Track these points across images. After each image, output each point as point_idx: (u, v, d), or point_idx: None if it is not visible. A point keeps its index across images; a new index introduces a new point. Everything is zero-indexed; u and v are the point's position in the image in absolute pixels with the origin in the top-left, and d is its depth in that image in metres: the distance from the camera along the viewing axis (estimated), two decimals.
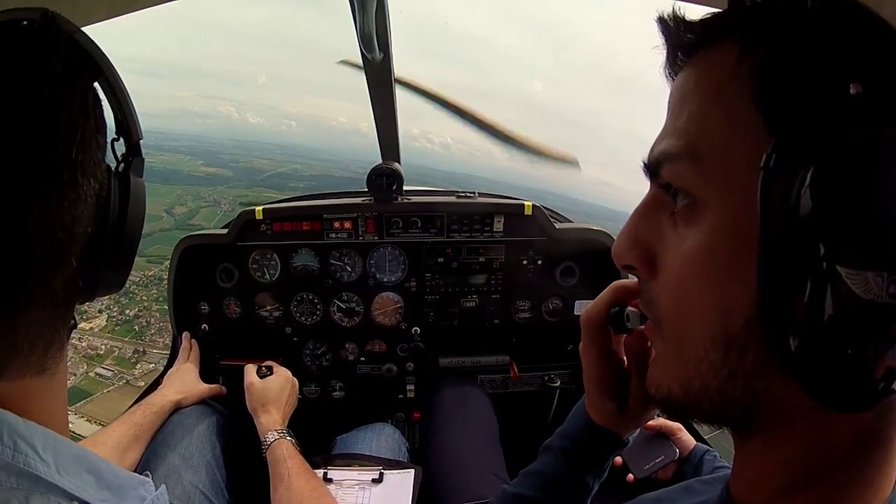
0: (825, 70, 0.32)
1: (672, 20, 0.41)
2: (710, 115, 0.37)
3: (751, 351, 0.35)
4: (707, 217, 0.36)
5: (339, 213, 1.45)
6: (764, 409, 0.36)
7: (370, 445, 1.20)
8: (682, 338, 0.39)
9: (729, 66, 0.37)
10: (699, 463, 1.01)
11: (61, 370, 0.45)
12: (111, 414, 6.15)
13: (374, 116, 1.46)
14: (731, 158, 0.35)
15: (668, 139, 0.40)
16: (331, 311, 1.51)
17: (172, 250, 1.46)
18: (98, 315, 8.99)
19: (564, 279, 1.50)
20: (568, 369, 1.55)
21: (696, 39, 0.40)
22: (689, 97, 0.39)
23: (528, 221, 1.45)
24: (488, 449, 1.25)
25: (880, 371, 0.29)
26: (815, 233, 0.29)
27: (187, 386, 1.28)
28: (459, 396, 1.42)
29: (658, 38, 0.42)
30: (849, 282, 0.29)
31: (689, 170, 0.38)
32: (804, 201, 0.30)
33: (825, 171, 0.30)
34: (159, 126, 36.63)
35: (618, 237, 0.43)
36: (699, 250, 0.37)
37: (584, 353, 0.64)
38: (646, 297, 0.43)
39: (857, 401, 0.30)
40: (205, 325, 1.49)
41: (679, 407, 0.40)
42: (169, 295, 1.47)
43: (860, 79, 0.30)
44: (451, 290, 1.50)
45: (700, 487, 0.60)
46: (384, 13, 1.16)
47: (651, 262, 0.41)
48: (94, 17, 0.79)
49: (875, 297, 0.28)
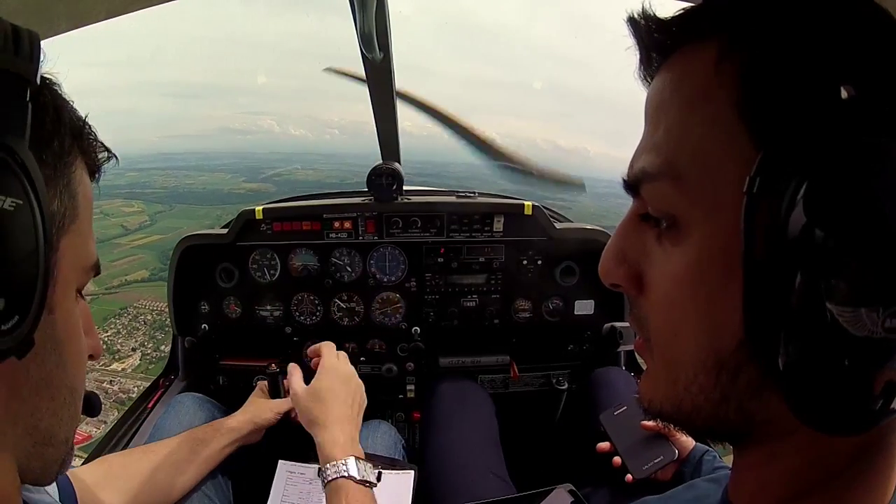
0: (816, 72, 0.29)
1: (642, 18, 0.37)
2: (689, 127, 0.34)
3: (743, 374, 0.33)
4: (693, 237, 0.34)
5: (339, 213, 1.45)
6: (760, 427, 0.35)
7: (366, 443, 1.19)
8: (672, 359, 0.37)
9: (708, 69, 0.33)
10: (699, 463, 1.02)
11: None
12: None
13: (374, 116, 1.45)
14: (714, 175, 0.33)
15: (646, 156, 0.37)
16: (331, 310, 1.52)
17: (172, 250, 1.45)
18: (131, 354, 8.63)
19: (564, 279, 1.50)
20: (568, 369, 1.55)
21: (671, 38, 0.37)
22: (665, 106, 0.36)
23: (527, 221, 1.45)
24: (488, 449, 1.25)
25: (878, 391, 0.28)
26: (804, 268, 0.27)
27: (257, 406, 1.14)
28: (459, 396, 1.42)
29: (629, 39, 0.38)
30: (840, 320, 0.27)
31: (669, 189, 0.35)
32: (791, 232, 0.28)
33: (816, 197, 0.27)
34: (199, 147, 36.28)
35: (603, 254, 0.41)
36: (686, 271, 0.34)
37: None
38: (635, 314, 0.41)
39: (853, 426, 0.29)
40: (205, 325, 1.49)
41: (672, 423, 0.39)
42: (169, 295, 1.47)
43: (857, 82, 0.28)
44: (451, 289, 1.50)
45: (705, 486, 0.60)
46: (384, 13, 1.16)
47: (638, 279, 0.39)
48: (93, 18, 0.78)
49: (870, 334, 0.27)
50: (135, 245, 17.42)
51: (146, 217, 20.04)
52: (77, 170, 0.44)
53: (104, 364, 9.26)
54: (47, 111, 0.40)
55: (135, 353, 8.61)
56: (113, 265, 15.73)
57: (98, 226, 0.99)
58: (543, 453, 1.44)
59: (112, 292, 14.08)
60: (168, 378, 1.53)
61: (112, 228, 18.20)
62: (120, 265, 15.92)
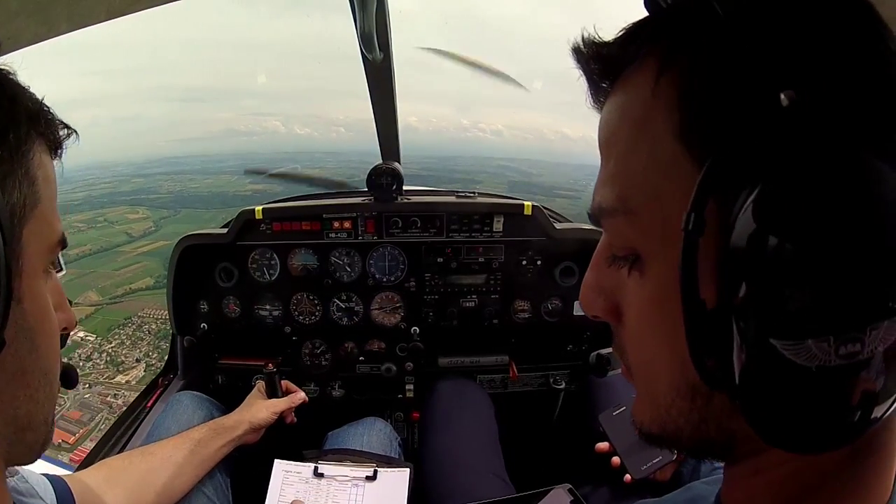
0: (753, 82, 0.27)
1: (584, 44, 0.35)
2: (636, 157, 0.33)
3: (716, 398, 0.33)
4: (652, 270, 0.34)
5: (338, 213, 1.45)
6: (743, 443, 0.35)
7: (362, 440, 1.19)
8: (650, 385, 0.38)
9: (647, 91, 0.32)
10: (697, 464, 1.01)
11: None
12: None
13: (374, 116, 1.46)
14: (664, 206, 0.32)
15: (602, 190, 0.36)
16: (330, 310, 1.52)
17: (172, 250, 1.46)
18: (136, 365, 8.56)
19: (564, 279, 1.49)
20: (567, 369, 1.55)
21: (611, 62, 0.35)
22: (615, 136, 0.35)
23: (527, 221, 1.45)
24: (488, 449, 1.25)
25: (855, 402, 0.27)
26: (744, 303, 0.26)
27: (254, 405, 1.17)
28: (458, 396, 1.42)
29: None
30: (786, 353, 0.26)
31: (624, 224, 0.34)
32: (729, 267, 0.27)
33: (750, 233, 0.26)
34: (203, 150, 36.56)
35: (582, 288, 0.41)
36: (649, 304, 0.35)
37: None
38: (617, 343, 0.41)
39: (831, 443, 0.28)
40: (204, 325, 1.50)
41: (662, 444, 0.39)
42: (168, 294, 1.47)
43: (798, 85, 0.26)
44: (451, 289, 1.50)
45: (702, 489, 0.59)
46: (384, 13, 1.17)
47: (616, 310, 0.39)
48: (94, 18, 0.79)
49: (823, 363, 0.25)
50: (139, 252, 17.45)
51: (151, 223, 20.07)
52: (36, 155, 0.44)
53: (108, 377, 9.26)
54: (1, 106, 0.41)
55: (139, 364, 8.55)
56: (117, 274, 15.70)
57: (102, 234, 0.97)
58: (542, 453, 1.43)
59: (116, 301, 14.07)
60: (167, 377, 1.53)
61: (117, 236, 18.22)
62: (124, 274, 15.89)
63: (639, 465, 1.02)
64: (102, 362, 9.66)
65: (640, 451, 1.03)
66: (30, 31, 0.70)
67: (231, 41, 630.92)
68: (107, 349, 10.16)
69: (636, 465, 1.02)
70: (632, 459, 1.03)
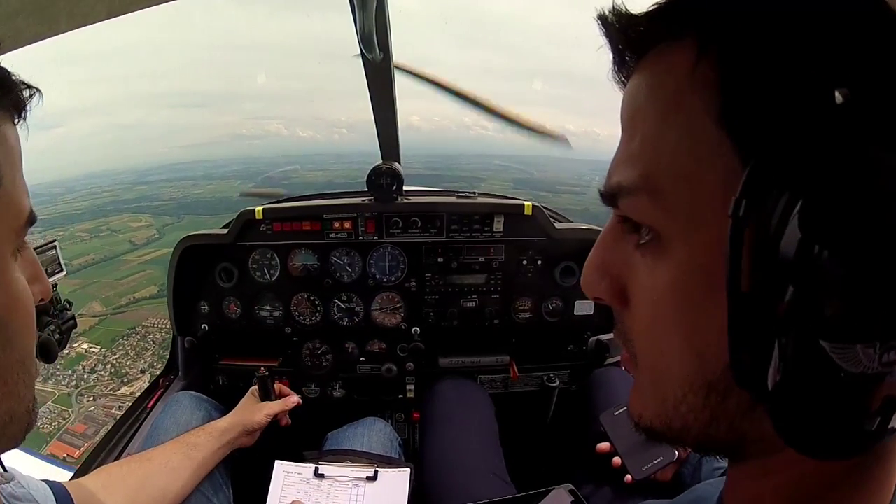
0: (806, 74, 0.26)
1: (613, 14, 0.34)
2: (666, 137, 0.31)
3: (733, 395, 0.31)
4: (675, 253, 0.32)
5: (338, 213, 1.45)
6: (753, 445, 0.33)
7: (362, 441, 1.19)
8: (659, 377, 0.35)
9: (683, 73, 0.30)
10: (698, 464, 1.00)
11: None
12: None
13: (374, 116, 1.46)
14: (695, 188, 0.30)
15: (623, 168, 0.34)
16: (331, 311, 1.51)
17: (172, 250, 1.46)
18: (140, 376, 8.47)
19: (564, 279, 1.49)
20: (568, 369, 1.54)
21: (643, 36, 0.34)
22: (641, 113, 0.33)
23: (527, 221, 1.45)
24: (488, 449, 1.25)
25: (875, 409, 0.26)
26: (795, 300, 0.25)
27: (248, 408, 1.18)
28: (459, 396, 1.41)
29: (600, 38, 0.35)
30: (834, 356, 0.25)
31: (647, 204, 0.33)
32: (782, 260, 0.25)
33: (812, 219, 0.24)
34: (205, 155, 36.56)
35: (585, 267, 0.39)
36: (669, 289, 0.32)
37: None
38: (620, 329, 0.38)
39: (850, 451, 0.28)
40: (204, 325, 1.50)
41: (663, 439, 0.37)
42: (168, 295, 1.47)
43: (854, 84, 0.25)
44: (451, 290, 1.50)
45: (705, 489, 0.58)
46: (384, 13, 1.17)
47: (622, 293, 0.37)
48: (94, 17, 0.79)
49: (865, 370, 0.25)
50: (143, 261, 17.45)
51: (154, 231, 20.06)
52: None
53: (112, 389, 9.22)
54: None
55: (143, 375, 8.50)
56: (121, 283, 15.69)
57: (105, 243, 0.96)
58: (543, 453, 1.43)
59: (121, 311, 14.06)
60: (168, 378, 1.54)
61: (120, 245, 18.21)
62: (128, 283, 15.88)
63: (640, 466, 1.01)
64: (107, 374, 9.66)
65: (641, 452, 1.02)
66: (30, 30, 0.70)
67: (231, 44, 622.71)
68: (111, 360, 10.16)
69: (637, 465, 1.01)
70: (633, 460, 1.02)
